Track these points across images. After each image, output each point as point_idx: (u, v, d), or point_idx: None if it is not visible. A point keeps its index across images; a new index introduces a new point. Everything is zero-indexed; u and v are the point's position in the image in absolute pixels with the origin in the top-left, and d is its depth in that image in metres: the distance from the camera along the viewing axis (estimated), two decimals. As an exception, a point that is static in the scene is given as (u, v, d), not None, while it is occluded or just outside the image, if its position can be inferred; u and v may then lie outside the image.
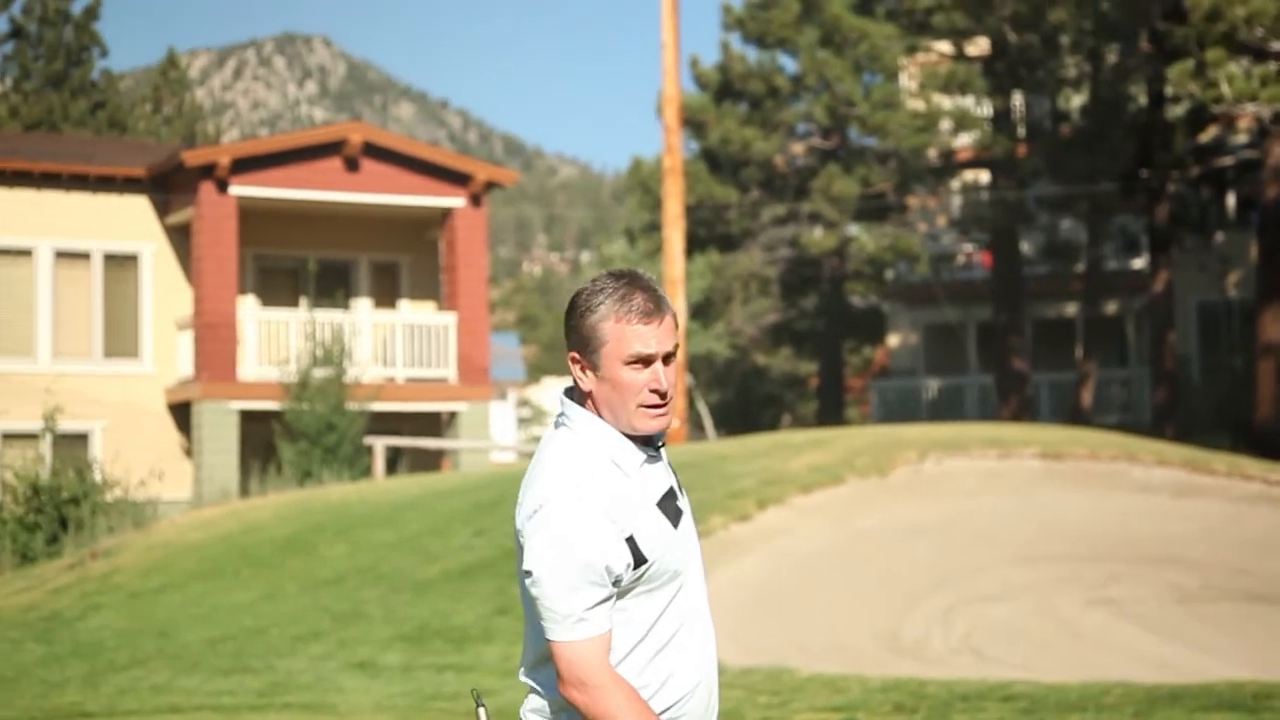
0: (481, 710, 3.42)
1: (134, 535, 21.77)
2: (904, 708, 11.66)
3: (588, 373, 3.26)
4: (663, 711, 3.26)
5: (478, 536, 18.49)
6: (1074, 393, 38.14)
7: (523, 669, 3.39)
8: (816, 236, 42.82)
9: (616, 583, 3.17)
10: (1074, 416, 36.11)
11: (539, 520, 3.17)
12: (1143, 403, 38.49)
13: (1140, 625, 15.11)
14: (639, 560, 3.17)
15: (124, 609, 17.78)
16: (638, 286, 3.25)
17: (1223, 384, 36.44)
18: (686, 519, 3.33)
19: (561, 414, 3.36)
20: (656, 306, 3.24)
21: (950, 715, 11.42)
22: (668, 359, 3.26)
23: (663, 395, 3.24)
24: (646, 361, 3.23)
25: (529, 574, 3.17)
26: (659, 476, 3.29)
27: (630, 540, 3.16)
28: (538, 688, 3.32)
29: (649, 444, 3.30)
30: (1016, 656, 14.04)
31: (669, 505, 3.26)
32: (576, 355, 3.28)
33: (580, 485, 3.17)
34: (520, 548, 3.21)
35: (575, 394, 3.35)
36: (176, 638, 16.18)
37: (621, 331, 3.21)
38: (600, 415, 3.28)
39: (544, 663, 3.29)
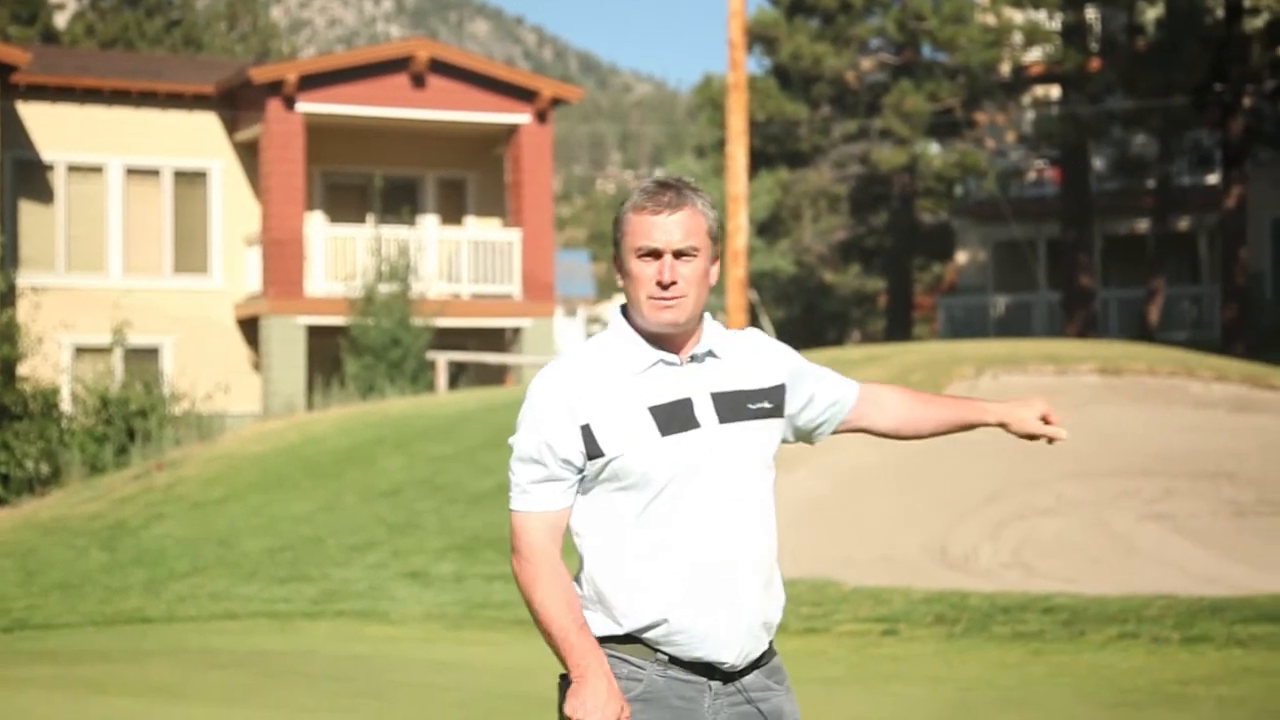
0: None
1: (199, 447, 22.13)
2: (945, 619, 11.74)
3: (619, 274, 3.40)
4: (650, 625, 3.31)
5: (534, 449, 18.66)
6: (1143, 309, 37.79)
7: None
8: (886, 153, 42.48)
9: (579, 469, 3.32)
10: (1141, 333, 35.80)
11: (525, 400, 3.41)
12: (1213, 320, 38.07)
13: (1193, 540, 15.09)
14: (592, 452, 3.29)
15: (186, 518, 18.12)
16: (663, 182, 3.36)
17: (1296, 301, 35.99)
18: (705, 434, 3.32)
19: None
20: (673, 200, 3.33)
21: (990, 626, 11.49)
22: (682, 255, 3.32)
23: (665, 287, 3.30)
24: (655, 255, 3.32)
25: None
26: (673, 383, 3.33)
27: (585, 429, 3.29)
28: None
29: (676, 350, 3.36)
30: (1066, 570, 14.06)
31: (669, 412, 3.30)
32: (614, 254, 3.42)
33: (554, 372, 3.36)
34: None
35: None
36: (236, 547, 16.49)
37: (635, 223, 3.34)
38: (630, 318, 3.40)
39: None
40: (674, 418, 3.30)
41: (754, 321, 37.79)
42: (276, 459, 20.25)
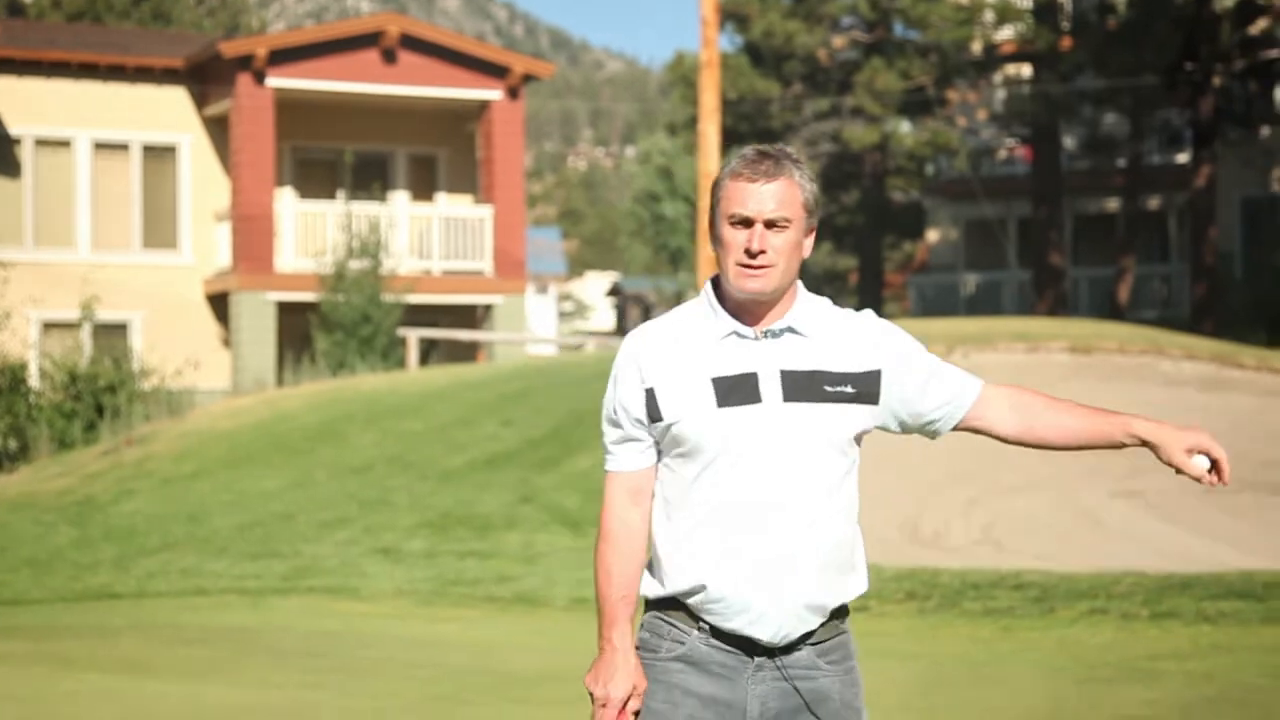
0: None
1: (168, 423, 22.05)
2: (916, 595, 11.78)
3: (712, 240, 3.41)
4: (690, 591, 3.36)
5: (505, 427, 18.65)
6: (1113, 288, 37.92)
7: None
8: (858, 131, 42.48)
9: (649, 431, 3.40)
10: (1111, 312, 35.93)
11: None
12: (1182, 299, 38.23)
13: (1162, 517, 15.16)
14: (653, 415, 3.37)
15: (156, 494, 18.05)
16: (763, 151, 3.38)
17: (1264, 280, 36.10)
18: (764, 410, 3.32)
19: None
20: (770, 169, 3.34)
21: (961, 603, 11.54)
22: (773, 225, 3.34)
23: (753, 255, 3.31)
24: (747, 223, 3.33)
25: None
26: (742, 356, 3.35)
27: (649, 392, 3.38)
28: None
29: (755, 322, 3.37)
30: (1036, 547, 14.12)
31: (731, 384, 3.32)
32: (710, 220, 3.43)
33: (634, 335, 3.47)
34: None
35: None
36: (206, 523, 16.44)
37: (730, 189, 3.36)
38: (719, 288, 3.42)
39: None
40: (734, 390, 3.33)
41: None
42: (247, 435, 20.19)
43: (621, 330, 60.80)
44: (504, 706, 8.44)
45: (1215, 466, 3.40)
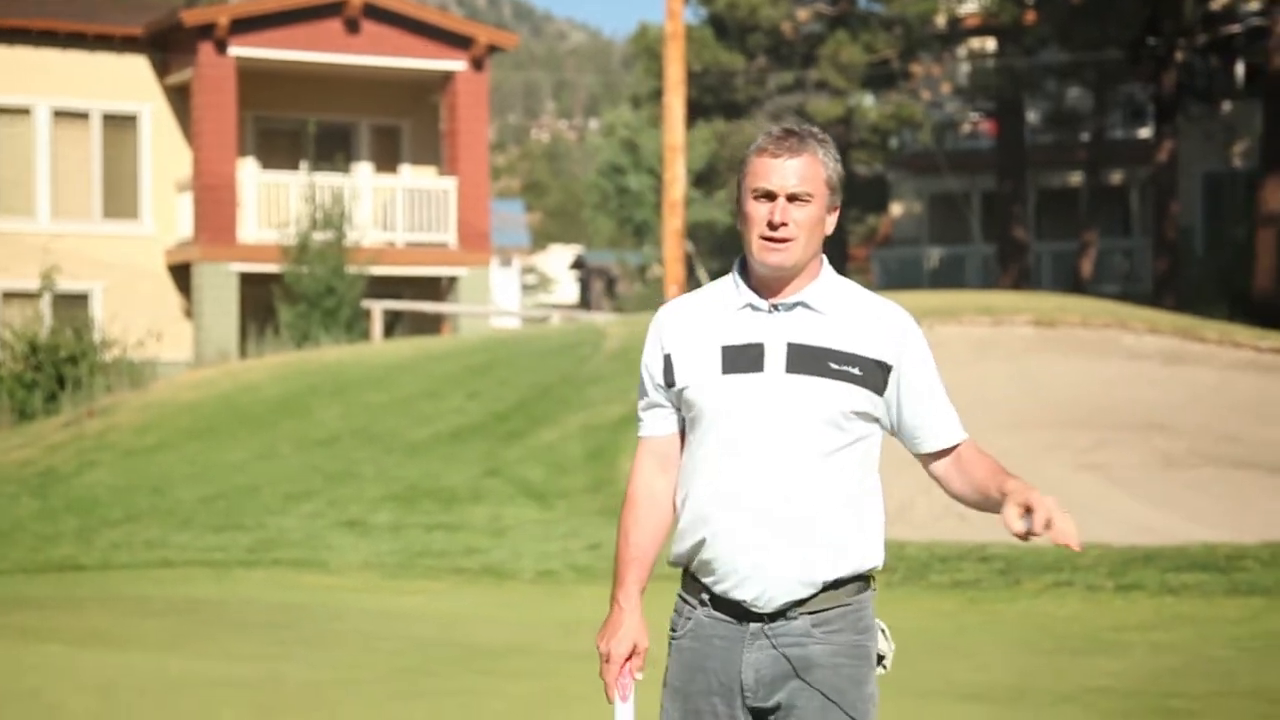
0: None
1: (131, 394, 21.92)
2: (884, 568, 11.80)
3: (738, 216, 3.50)
4: (689, 554, 3.50)
5: (470, 399, 18.61)
6: (1075, 262, 38.07)
7: None
8: (822, 104, 42.46)
9: (668, 396, 3.53)
10: (1074, 286, 36.07)
11: None
12: (1144, 273, 38.41)
13: (1125, 490, 15.25)
14: (669, 380, 3.51)
15: (118, 466, 17.96)
16: (789, 128, 3.47)
17: (1225, 255, 36.31)
18: (765, 380, 3.40)
19: None
20: (794, 145, 3.43)
21: (928, 575, 11.58)
22: (795, 199, 3.41)
23: (774, 228, 3.40)
24: (770, 197, 3.42)
25: None
26: (753, 327, 3.45)
27: (668, 358, 3.52)
28: None
29: (774, 295, 3.44)
30: (1000, 520, 14.16)
31: (737, 353, 3.43)
32: (736, 196, 3.51)
33: (665, 306, 3.61)
34: None
35: None
36: (170, 494, 16.36)
37: (754, 164, 3.45)
38: (745, 262, 3.51)
39: None
40: (740, 359, 3.43)
41: (690, 273, 37.78)
42: (210, 407, 20.10)
43: (585, 304, 60.72)
44: (471, 678, 8.44)
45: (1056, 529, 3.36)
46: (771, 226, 3.41)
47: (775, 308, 3.45)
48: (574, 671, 8.72)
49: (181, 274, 29.48)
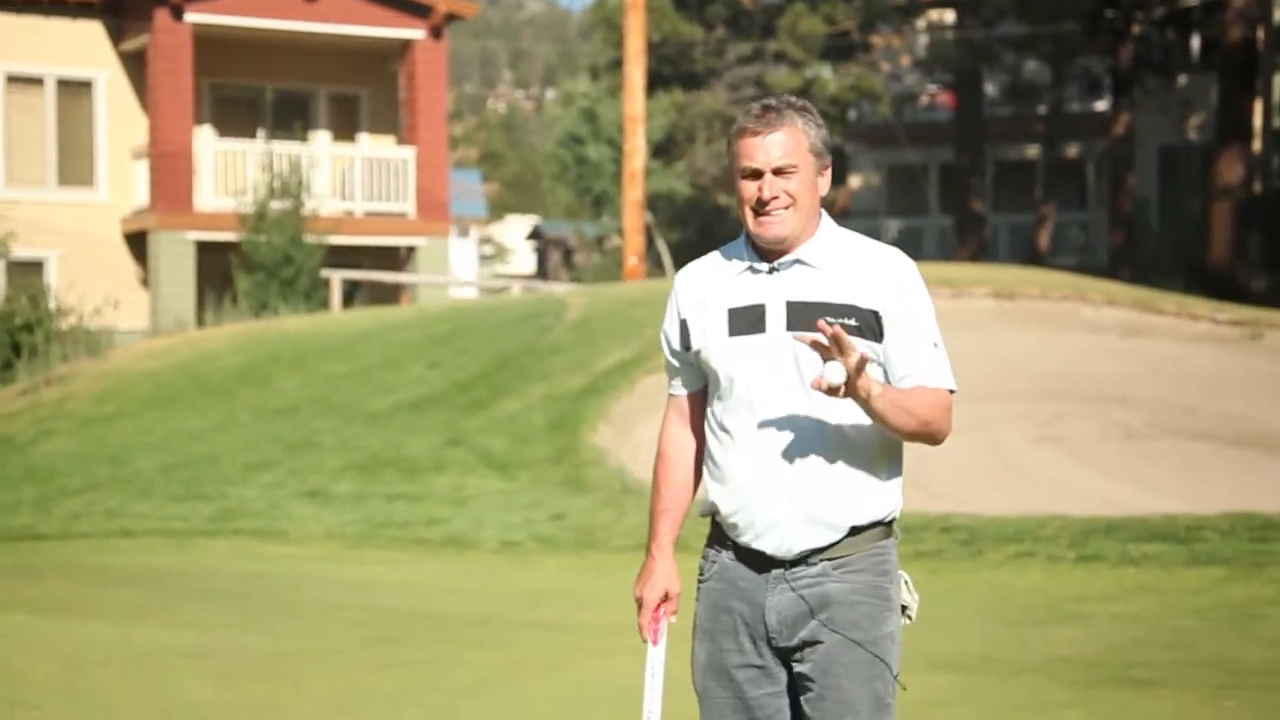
0: None
1: (88, 363, 21.78)
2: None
3: (736, 199, 3.60)
4: (712, 510, 3.65)
5: (431, 369, 18.56)
6: (1032, 235, 38.24)
7: None
8: (781, 76, 42.45)
9: (687, 359, 3.68)
10: (1031, 258, 36.24)
11: None
12: (1100, 245, 38.63)
13: (1084, 461, 15.35)
14: (685, 344, 3.66)
15: (76, 435, 17.85)
16: (766, 104, 3.57)
17: (1180, 227, 36.54)
18: (768, 340, 3.53)
19: None
20: (772, 120, 3.53)
21: (890, 545, 11.61)
22: (781, 172, 3.53)
23: (764, 203, 3.51)
24: (756, 175, 3.54)
25: None
26: (754, 289, 3.57)
27: (683, 324, 3.67)
28: None
29: (775, 259, 3.56)
30: (961, 491, 14.24)
31: (741, 315, 3.57)
32: (731, 178, 3.63)
33: (679, 274, 3.75)
34: None
35: None
36: (129, 464, 16.27)
37: (738, 145, 3.58)
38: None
39: None
40: (743, 320, 3.57)
41: (650, 244, 37.79)
42: (168, 376, 19.98)
43: (542, 274, 60.60)
44: (436, 648, 8.44)
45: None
46: (761, 203, 3.52)
47: (775, 269, 3.58)
48: (538, 641, 8.74)
49: (138, 242, 29.25)
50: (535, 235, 66.53)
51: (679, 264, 44.48)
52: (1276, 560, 10.15)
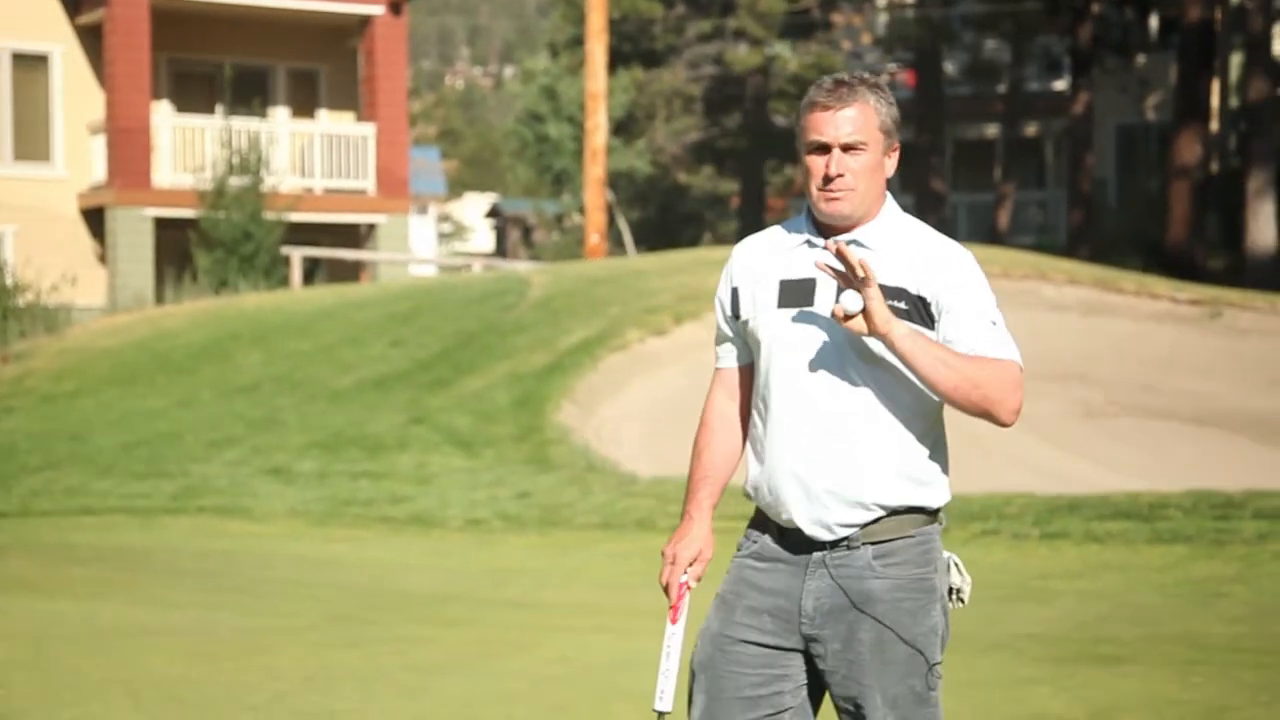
0: None
1: (46, 340, 21.62)
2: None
3: (802, 172, 3.59)
4: (753, 486, 3.64)
5: (394, 347, 18.51)
6: (992, 214, 38.38)
7: None
8: (741, 54, 42.47)
9: (735, 329, 3.68)
10: (991, 237, 36.39)
11: None
12: (1059, 224, 38.80)
13: (1047, 440, 15.42)
14: (735, 313, 3.67)
15: (36, 412, 17.72)
16: (839, 79, 3.53)
17: (1138, 206, 36.74)
18: (815, 314, 3.51)
19: None
20: (845, 96, 3.50)
21: (855, 523, 11.64)
22: (850, 149, 3.50)
23: (830, 180, 3.49)
24: (825, 149, 3.51)
25: None
26: (809, 263, 3.55)
27: (734, 292, 3.67)
28: None
29: (824, 236, 3.55)
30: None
31: (792, 287, 3.56)
32: (798, 151, 3.61)
33: (737, 245, 3.76)
34: None
35: None
36: (90, 441, 16.16)
37: (808, 118, 3.54)
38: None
39: None
40: (794, 293, 3.56)
41: (611, 222, 37.75)
42: (128, 353, 19.85)
43: (501, 252, 60.46)
44: (405, 626, 8.43)
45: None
46: (827, 179, 3.50)
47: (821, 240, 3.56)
48: (505, 619, 8.74)
49: (95, 218, 29.04)
50: (494, 213, 66.35)
51: (639, 242, 44.48)
52: (1238, 538, 10.23)
